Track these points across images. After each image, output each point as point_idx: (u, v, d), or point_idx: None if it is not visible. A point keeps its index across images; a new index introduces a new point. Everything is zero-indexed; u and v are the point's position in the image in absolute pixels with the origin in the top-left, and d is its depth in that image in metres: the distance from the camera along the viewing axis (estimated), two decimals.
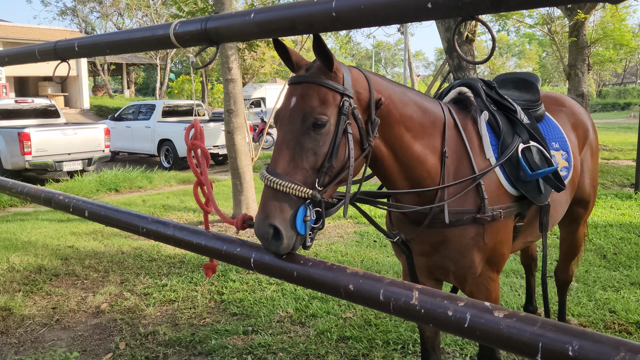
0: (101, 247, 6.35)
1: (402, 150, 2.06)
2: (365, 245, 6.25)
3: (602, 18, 17.37)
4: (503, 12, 1.02)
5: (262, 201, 1.67)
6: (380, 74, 2.60)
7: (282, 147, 1.70)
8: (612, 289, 4.65)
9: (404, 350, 3.65)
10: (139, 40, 1.80)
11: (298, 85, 1.77)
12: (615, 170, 11.00)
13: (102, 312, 4.48)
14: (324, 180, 1.71)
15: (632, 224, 6.89)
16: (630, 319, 4.00)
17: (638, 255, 5.60)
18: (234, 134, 7.31)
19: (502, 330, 1.17)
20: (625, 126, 26.31)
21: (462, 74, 9.47)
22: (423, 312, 1.29)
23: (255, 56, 17.75)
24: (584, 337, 1.07)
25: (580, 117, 3.19)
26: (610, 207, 7.93)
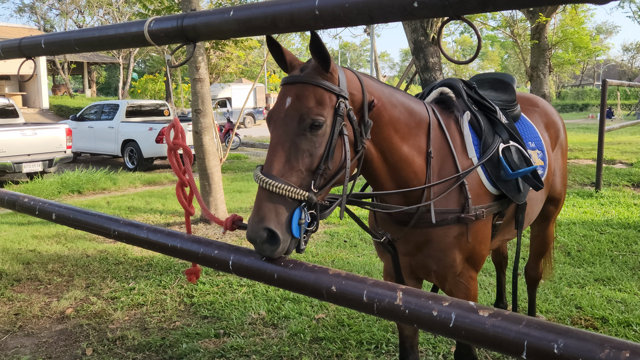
0: (65, 251, 6.18)
1: (391, 152, 2.06)
2: (335, 245, 6.25)
3: (562, 21, 17.81)
4: (489, 12, 1.02)
5: (256, 203, 1.62)
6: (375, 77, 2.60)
7: (277, 148, 1.66)
8: (577, 286, 4.76)
9: (377, 350, 3.66)
10: (112, 38, 1.75)
11: (293, 86, 1.73)
12: (576, 169, 11.27)
13: (67, 317, 4.36)
14: (320, 182, 1.68)
15: (594, 222, 7.07)
16: (596, 315, 4.10)
17: (600, 252, 5.74)
18: (202, 134, 7.22)
19: (488, 329, 1.17)
20: (584, 126, 27.03)
21: (428, 75, 9.56)
22: (407, 312, 1.28)
23: (221, 55, 17.56)
24: (569, 335, 1.08)
25: (552, 117, 3.26)
26: (572, 206, 8.12)
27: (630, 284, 4.77)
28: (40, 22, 40.37)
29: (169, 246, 1.80)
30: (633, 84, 12.96)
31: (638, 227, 6.73)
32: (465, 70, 43.04)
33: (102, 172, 11.73)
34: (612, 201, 8.41)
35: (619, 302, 4.36)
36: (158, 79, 35.43)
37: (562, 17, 18.14)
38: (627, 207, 7.94)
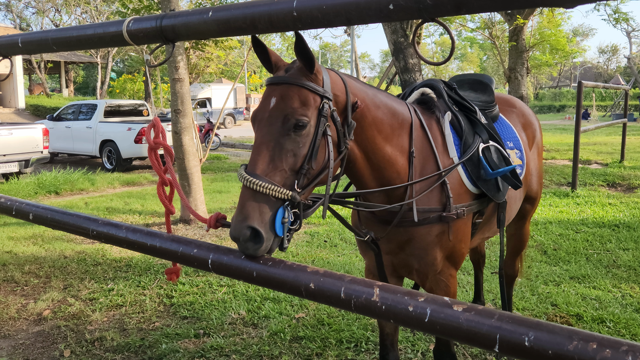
0: (42, 252, 6.11)
1: (374, 152, 2.09)
2: (315, 245, 6.27)
3: (540, 23, 18.07)
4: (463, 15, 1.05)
5: (240, 202, 1.63)
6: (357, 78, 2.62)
7: (262, 147, 1.68)
8: (553, 283, 4.85)
9: (357, 348, 3.69)
10: (90, 38, 1.75)
11: (277, 86, 1.75)
12: (553, 169, 11.45)
13: (44, 319, 4.32)
14: (303, 181, 1.70)
15: (569, 221, 7.19)
16: (571, 312, 4.18)
17: (576, 250, 5.85)
18: (181, 135, 7.19)
19: (462, 323, 1.20)
20: (561, 127, 27.44)
21: (408, 76, 9.64)
22: (384, 308, 1.31)
23: (201, 55, 17.48)
24: (539, 328, 1.12)
25: (529, 117, 3.33)
26: (549, 205, 8.25)
27: (605, 281, 4.87)
28: (16, 20, 39.76)
29: (148, 245, 1.81)
30: (608, 85, 13.20)
31: (612, 226, 6.87)
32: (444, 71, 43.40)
33: (80, 172, 11.61)
34: (588, 201, 8.56)
35: (593, 300, 4.45)
36: (137, 78, 35.11)
37: (539, 20, 18.40)
38: (602, 207, 8.09)
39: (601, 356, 1.02)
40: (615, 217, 7.33)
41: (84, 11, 34.93)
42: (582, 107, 9.86)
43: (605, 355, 1.02)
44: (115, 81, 36.99)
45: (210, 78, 34.98)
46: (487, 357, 3.59)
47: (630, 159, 13.12)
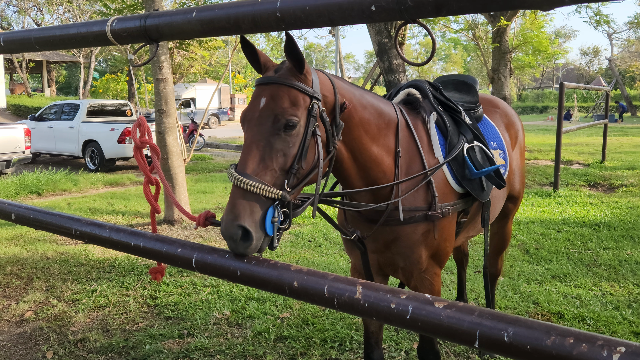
0: (24, 253, 6.05)
1: (361, 152, 2.11)
2: (300, 245, 6.28)
3: (523, 25, 18.25)
4: (443, 16, 1.07)
5: (230, 201, 1.64)
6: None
7: (252, 147, 1.69)
8: (535, 282, 4.91)
9: (341, 347, 3.70)
10: (74, 37, 1.75)
11: (267, 86, 1.76)
12: (535, 170, 11.57)
13: (26, 320, 4.28)
14: (293, 181, 1.72)
15: (551, 221, 7.28)
16: (552, 310, 4.23)
17: (558, 249, 5.92)
18: (165, 135, 7.16)
19: (443, 320, 1.22)
20: (543, 128, 27.72)
21: (392, 77, 9.69)
22: (367, 306, 1.33)
23: (185, 55, 17.40)
24: (518, 324, 1.14)
25: (512, 118, 3.38)
26: (531, 205, 8.34)
27: (585, 280, 4.94)
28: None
29: (131, 245, 1.81)
30: (590, 86, 13.39)
31: (593, 226, 6.96)
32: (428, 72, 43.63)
33: (63, 173, 11.49)
34: (569, 200, 8.67)
35: (574, 298, 4.51)
36: (120, 78, 34.85)
37: (522, 21, 18.59)
38: (583, 206, 8.20)
39: (578, 351, 1.05)
40: (596, 217, 7.43)
41: (66, 10, 34.59)
42: (564, 108, 9.98)
43: (582, 349, 1.04)
44: (98, 81, 36.68)
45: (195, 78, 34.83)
46: (469, 355, 3.62)
47: (611, 159, 13.30)
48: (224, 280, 1.60)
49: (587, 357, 1.03)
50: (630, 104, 42.22)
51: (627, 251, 5.82)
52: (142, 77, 9.42)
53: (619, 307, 4.29)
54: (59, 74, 50.55)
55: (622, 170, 11.39)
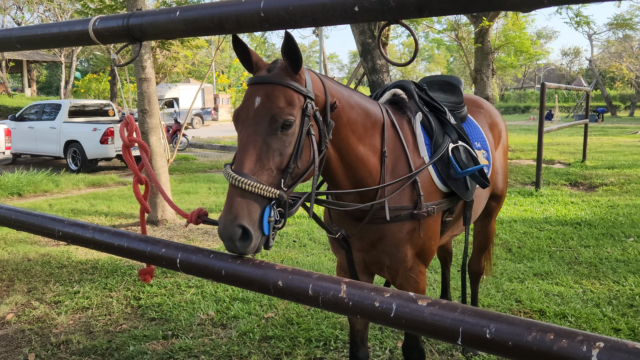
0: (4, 255, 5.97)
1: (348, 152, 2.12)
2: (284, 245, 6.28)
3: (505, 26, 18.40)
4: (425, 17, 1.08)
5: (228, 201, 1.64)
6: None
7: (248, 146, 1.69)
8: (518, 280, 4.96)
9: (326, 346, 3.71)
10: (56, 36, 1.73)
11: (261, 86, 1.76)
12: (518, 169, 11.69)
13: (8, 323, 4.22)
14: (289, 181, 1.73)
15: (533, 219, 7.36)
16: (534, 307, 4.28)
17: (540, 248, 5.99)
18: (148, 135, 7.12)
19: (426, 317, 1.23)
20: (525, 128, 27.99)
21: (376, 77, 9.72)
22: (351, 304, 1.34)
23: (168, 55, 17.29)
24: (500, 320, 1.16)
25: (495, 118, 3.42)
26: (514, 204, 8.42)
27: (567, 277, 5.00)
28: None
29: (115, 246, 1.80)
30: (570, 87, 13.55)
31: (574, 224, 7.05)
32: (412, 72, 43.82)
33: (44, 173, 11.36)
34: (551, 199, 8.77)
35: (555, 295, 4.56)
36: (102, 78, 34.55)
37: (504, 22, 18.74)
38: (565, 205, 8.30)
39: (558, 346, 1.07)
40: (577, 216, 7.53)
41: (47, 9, 34.22)
42: (545, 108, 10.09)
43: (562, 345, 1.06)
44: (80, 81, 36.34)
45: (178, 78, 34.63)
46: (453, 352, 3.65)
47: (592, 158, 13.48)
48: (209, 280, 1.60)
49: (567, 352, 1.05)
50: (610, 104, 42.81)
51: (607, 249, 5.91)
52: (124, 76, 9.35)
53: (600, 304, 4.35)
54: (40, 74, 49.95)
55: (602, 170, 11.55)
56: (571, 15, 18.83)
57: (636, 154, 14.59)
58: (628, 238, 6.34)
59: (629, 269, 5.20)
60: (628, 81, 33.48)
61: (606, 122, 33.86)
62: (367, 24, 9.56)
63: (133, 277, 5.11)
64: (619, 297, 4.52)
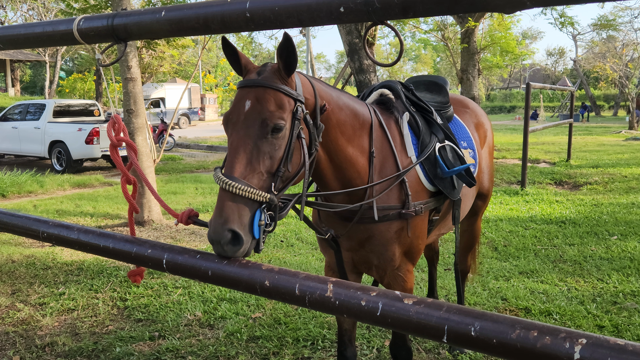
0: None
1: (337, 153, 2.13)
2: (272, 245, 6.27)
3: (490, 26, 18.52)
4: (410, 18, 1.09)
5: (218, 205, 1.64)
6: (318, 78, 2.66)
7: (239, 150, 1.69)
8: (503, 279, 5.00)
9: (314, 346, 3.72)
10: (40, 36, 1.72)
11: (252, 89, 1.76)
12: (504, 168, 11.77)
13: None
14: (279, 184, 1.73)
15: (519, 218, 7.42)
16: (520, 305, 4.32)
17: (525, 246, 6.04)
18: (134, 135, 7.07)
19: (412, 316, 1.24)
20: (511, 127, 28.21)
21: (363, 77, 9.74)
22: (338, 303, 1.34)
23: (154, 54, 17.19)
24: (484, 318, 1.17)
25: (481, 118, 3.45)
26: (500, 203, 8.49)
27: (552, 275, 5.05)
28: None
29: (101, 247, 1.79)
30: (555, 87, 13.68)
31: (559, 223, 7.12)
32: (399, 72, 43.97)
33: (28, 174, 11.25)
34: (536, 198, 8.85)
35: (541, 293, 4.61)
36: (87, 77, 34.26)
37: (490, 22, 18.86)
38: (550, 204, 8.38)
39: (541, 343, 1.08)
40: (562, 214, 7.60)
41: (30, 8, 33.84)
42: (530, 107, 10.17)
43: (545, 342, 1.08)
44: (65, 80, 36.00)
45: (164, 78, 34.47)
46: (440, 351, 3.67)
47: (577, 157, 13.62)
48: (196, 280, 1.60)
49: (550, 349, 1.07)
50: (594, 103, 43.25)
51: (592, 247, 5.98)
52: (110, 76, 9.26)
53: (584, 302, 4.40)
54: (24, 73, 49.44)
55: (586, 169, 11.68)
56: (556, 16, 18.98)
57: (620, 153, 14.76)
58: (612, 236, 6.41)
59: (613, 267, 5.26)
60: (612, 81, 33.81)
61: (590, 121, 34.24)
62: (354, 24, 9.58)
63: (119, 278, 5.08)
64: (603, 294, 4.57)
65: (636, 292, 4.60)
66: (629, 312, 4.20)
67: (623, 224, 6.96)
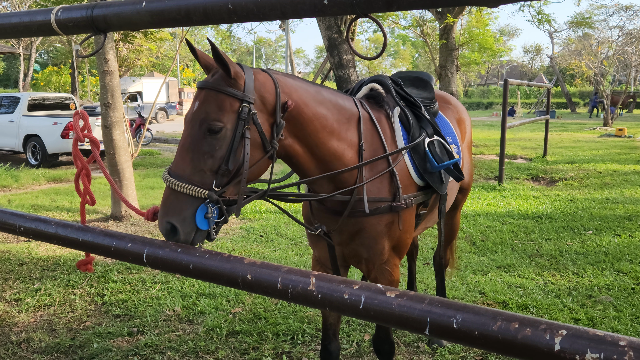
0: None
1: (318, 147, 2.14)
2: (251, 240, 6.25)
3: (469, 23, 18.66)
4: (394, 11, 1.09)
5: (162, 200, 1.78)
6: (294, 74, 2.66)
7: (184, 149, 1.81)
8: (481, 273, 5.06)
9: (294, 340, 3.72)
10: (16, 26, 1.69)
11: (202, 91, 1.85)
12: (481, 164, 11.89)
13: None
14: (222, 181, 1.81)
15: (496, 213, 7.51)
16: (498, 299, 4.38)
17: (502, 241, 6.12)
18: (111, 129, 6.98)
19: (394, 309, 1.25)
20: (488, 124, 28.47)
21: (342, 72, 9.74)
22: (320, 297, 1.34)
23: (131, 48, 16.97)
24: (466, 311, 1.18)
25: (462, 114, 3.49)
26: (477, 198, 8.57)
27: (529, 270, 5.12)
28: None
29: (79, 241, 1.77)
30: (532, 83, 13.82)
31: (536, 218, 7.22)
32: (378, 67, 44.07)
33: (2, 168, 11.05)
34: (513, 194, 8.96)
35: (518, 287, 4.67)
36: (63, 70, 33.71)
37: (468, 19, 19.01)
38: (527, 199, 8.49)
39: (522, 335, 1.10)
40: (538, 209, 7.71)
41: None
42: (508, 104, 10.28)
43: (526, 333, 1.09)
44: (40, 73, 35.36)
45: (142, 71, 34.07)
46: (419, 344, 3.70)
47: (552, 154, 13.81)
48: (176, 274, 1.61)
49: (531, 340, 1.08)
50: (570, 100, 43.87)
51: (567, 242, 6.07)
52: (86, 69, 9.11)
53: (560, 296, 4.47)
54: None
55: (562, 165, 11.86)
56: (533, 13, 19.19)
57: (595, 149, 15.01)
58: (587, 231, 6.53)
59: (588, 261, 5.35)
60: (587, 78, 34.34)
61: (565, 118, 34.67)
62: (333, 19, 9.57)
63: (97, 273, 5.01)
64: (579, 288, 4.65)
65: (610, 285, 4.69)
66: (604, 305, 4.28)
67: (598, 219, 7.08)
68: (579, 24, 35.76)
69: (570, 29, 41.07)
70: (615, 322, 3.95)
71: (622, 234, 6.32)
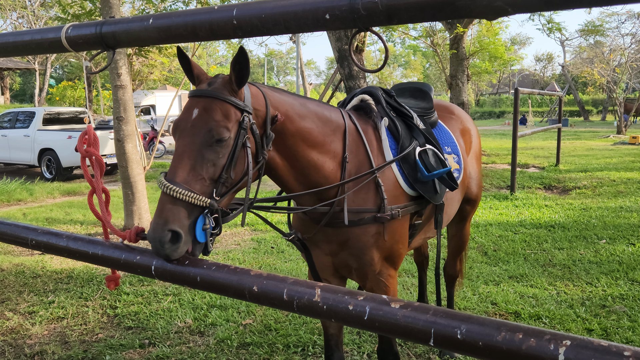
0: None
1: (297, 159, 2.17)
2: (262, 252, 6.27)
3: (479, 32, 18.66)
4: (394, 25, 1.11)
5: (159, 207, 1.69)
6: (278, 87, 2.70)
7: (183, 157, 1.75)
8: (493, 283, 5.02)
9: (304, 352, 3.72)
10: (28, 44, 1.72)
11: (201, 99, 1.82)
12: (493, 173, 11.84)
13: None
14: (221, 190, 1.79)
15: (508, 223, 7.47)
16: (510, 310, 4.35)
17: (514, 251, 6.08)
18: (124, 142, 7.05)
19: (399, 320, 1.25)
20: (500, 133, 28.35)
21: (353, 83, 9.78)
22: (325, 308, 1.35)
23: (144, 62, 17.16)
24: (470, 321, 1.18)
25: (467, 124, 3.48)
26: (489, 208, 8.53)
27: (541, 280, 5.08)
28: None
29: (89, 254, 1.79)
30: (543, 92, 13.77)
31: (548, 227, 7.17)
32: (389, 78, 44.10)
33: (18, 182, 11.19)
34: (526, 203, 8.90)
35: (530, 297, 4.63)
36: (77, 85, 34.13)
37: (479, 29, 19.01)
38: (539, 208, 8.43)
39: (527, 345, 1.10)
40: (551, 218, 7.65)
41: (20, 16, 33.71)
42: (519, 113, 10.24)
43: (531, 344, 1.09)
44: (55, 88, 35.84)
45: (154, 85, 34.37)
46: (430, 355, 3.68)
47: (565, 162, 13.72)
48: (184, 286, 1.62)
49: (535, 351, 1.08)
50: (582, 108, 43.59)
51: (581, 251, 6.02)
52: (99, 84, 9.23)
53: (573, 306, 4.43)
54: (13, 81, 49.16)
55: (575, 173, 11.77)
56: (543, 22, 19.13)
57: (608, 157, 14.89)
58: (600, 240, 6.46)
59: (601, 271, 5.30)
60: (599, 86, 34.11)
61: (578, 126, 34.45)
62: (343, 31, 9.62)
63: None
64: (592, 298, 4.60)
65: (624, 295, 4.64)
66: (618, 315, 4.23)
67: (611, 227, 7.01)
68: (590, 31, 35.54)
69: (581, 36, 40.84)
70: (630, 333, 3.91)
71: (636, 243, 6.26)
